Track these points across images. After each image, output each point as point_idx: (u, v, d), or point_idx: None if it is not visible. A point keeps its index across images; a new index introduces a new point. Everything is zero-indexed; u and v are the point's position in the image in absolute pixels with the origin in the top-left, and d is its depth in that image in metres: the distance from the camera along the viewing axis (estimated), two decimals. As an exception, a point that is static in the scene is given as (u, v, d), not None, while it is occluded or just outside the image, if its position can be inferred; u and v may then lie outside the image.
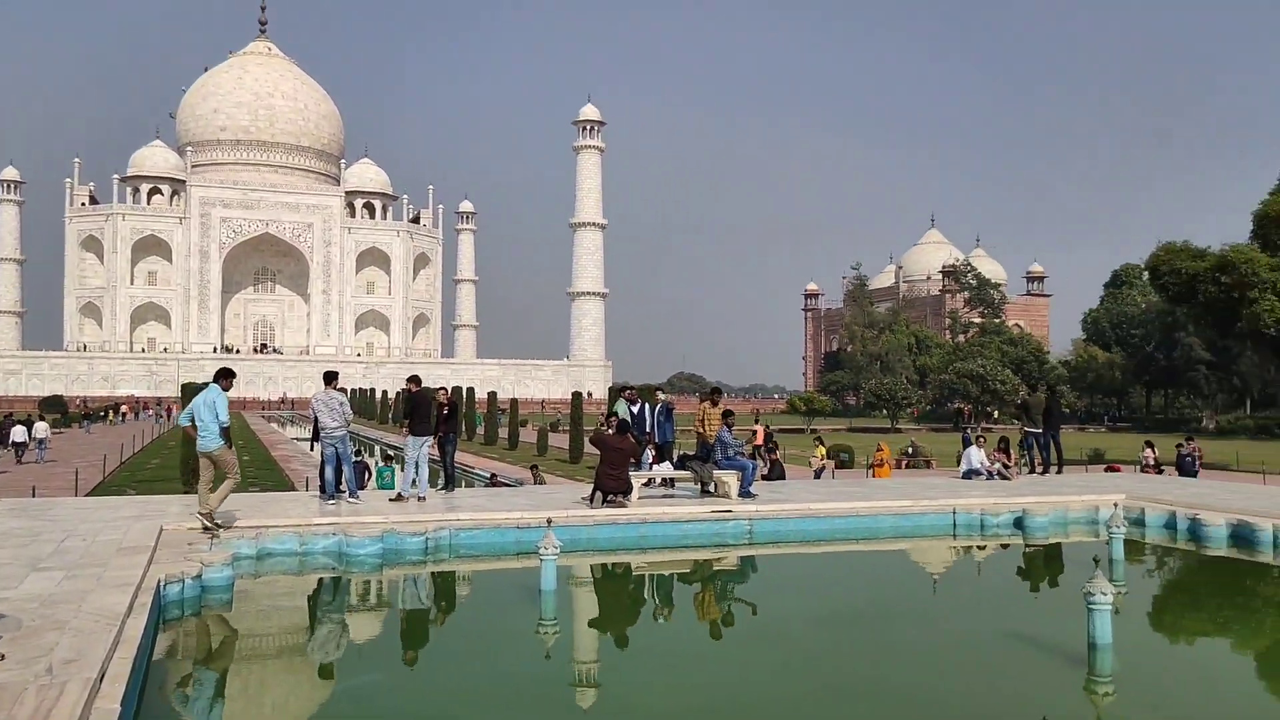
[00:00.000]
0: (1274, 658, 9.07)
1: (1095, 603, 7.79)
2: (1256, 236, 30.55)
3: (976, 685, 7.51)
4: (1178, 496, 16.52)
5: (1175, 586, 12.86)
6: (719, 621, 9.99)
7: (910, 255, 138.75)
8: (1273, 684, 8.20)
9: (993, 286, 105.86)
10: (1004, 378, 71.25)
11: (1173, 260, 31.55)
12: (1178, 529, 14.76)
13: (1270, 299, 28.26)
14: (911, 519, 14.92)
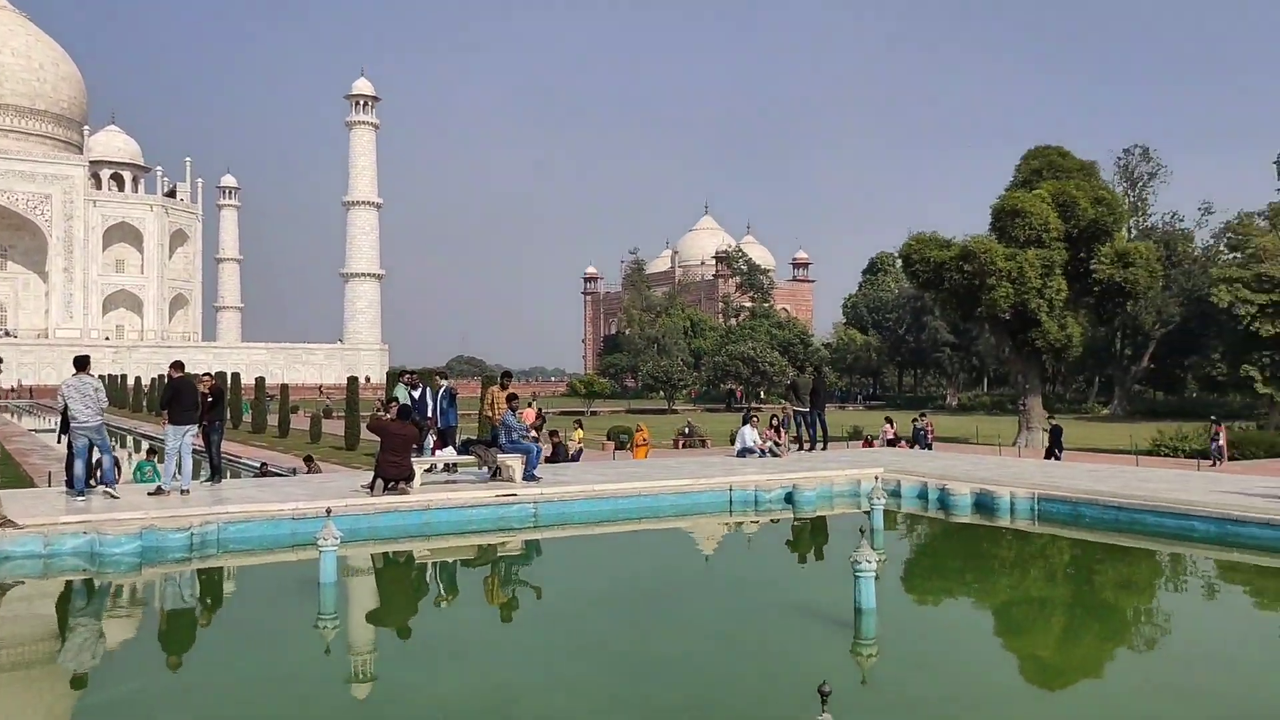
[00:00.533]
0: (1013, 611, 10.02)
1: (861, 570, 8.30)
2: (995, 229, 33.36)
3: (754, 655, 7.84)
4: (930, 469, 17.89)
5: (928, 551, 13.93)
6: (506, 606, 9.94)
7: (686, 241, 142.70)
8: (1014, 636, 9.03)
9: (762, 272, 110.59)
10: (773, 359, 74.73)
11: (922, 249, 33.92)
12: (929, 499, 16.00)
13: (1005, 286, 30.96)
14: (691, 497, 15.39)
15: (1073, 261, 33.13)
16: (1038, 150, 35.15)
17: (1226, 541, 12.35)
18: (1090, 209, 32.59)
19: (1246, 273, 33.23)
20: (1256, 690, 7.05)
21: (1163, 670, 7.77)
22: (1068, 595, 10.87)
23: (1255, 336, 31.68)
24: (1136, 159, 66.82)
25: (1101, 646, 8.62)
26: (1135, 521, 13.47)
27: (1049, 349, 33.15)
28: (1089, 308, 35.85)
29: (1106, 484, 15.46)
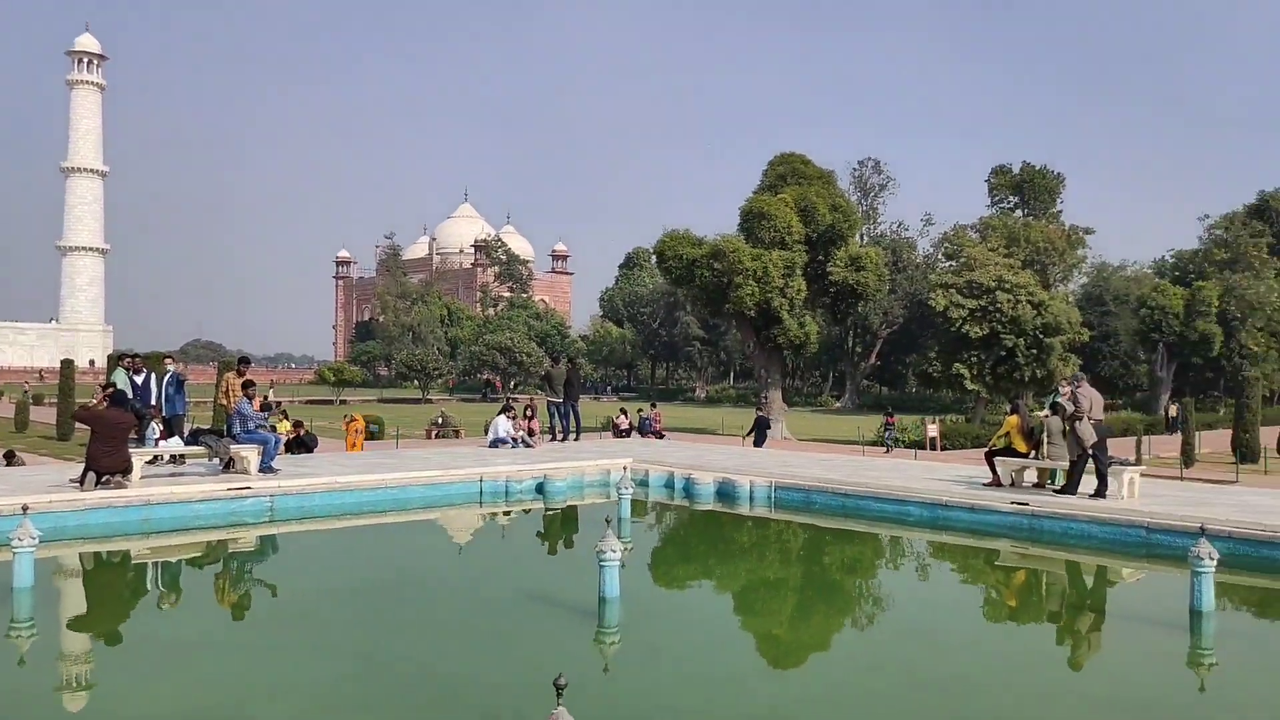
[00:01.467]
0: (750, 595, 10.47)
1: (605, 559, 8.39)
2: (743, 229, 34.81)
3: (495, 648, 7.73)
4: (676, 459, 18.43)
5: (673, 539, 14.31)
6: (236, 607, 9.31)
7: (444, 227, 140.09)
8: (751, 618, 9.43)
9: (521, 263, 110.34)
10: (530, 350, 74.78)
11: (675, 246, 34.89)
12: (675, 488, 16.50)
13: (751, 285, 32.37)
14: (440, 488, 15.07)
15: (812, 264, 35.19)
16: (783, 157, 37.04)
17: (938, 525, 13.49)
18: (828, 215, 34.74)
19: (960, 279, 36.47)
20: (960, 663, 7.69)
21: (883, 646, 8.33)
22: (799, 578, 11.50)
23: (966, 338, 34.83)
24: (869, 171, 71.89)
25: (829, 625, 9.16)
26: (860, 507, 14.46)
27: (789, 345, 35.06)
28: (825, 307, 38.22)
29: (836, 473, 16.50)
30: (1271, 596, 10.35)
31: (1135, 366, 61.58)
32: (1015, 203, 66.50)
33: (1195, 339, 47.66)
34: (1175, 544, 10.80)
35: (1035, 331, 34.50)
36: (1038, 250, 52.13)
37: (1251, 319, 49.00)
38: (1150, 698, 6.81)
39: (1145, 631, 8.76)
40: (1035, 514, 12.71)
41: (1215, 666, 7.64)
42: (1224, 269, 51.81)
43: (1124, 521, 12.01)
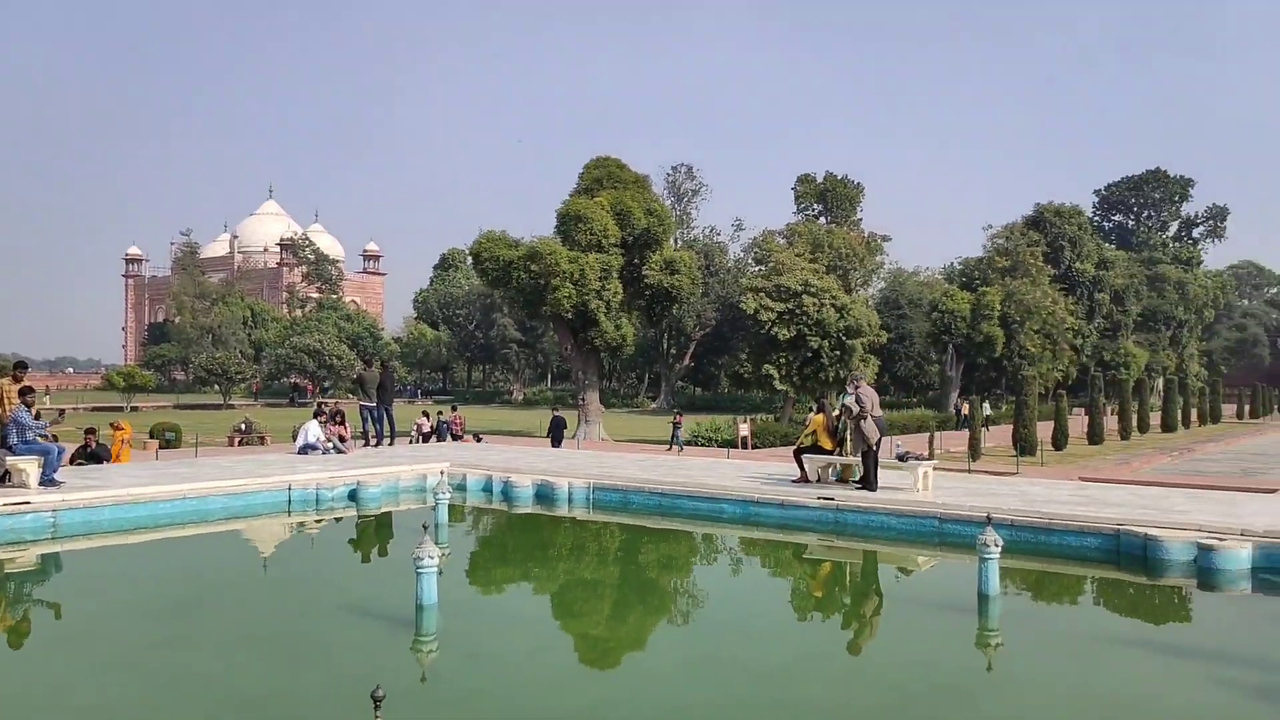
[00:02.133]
0: (569, 596, 10.50)
1: (423, 566, 8.23)
2: (559, 232, 34.89)
3: (309, 661, 7.45)
4: (494, 462, 18.28)
5: (491, 543, 14.18)
6: (13, 631, 8.56)
7: (247, 225, 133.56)
8: (571, 620, 9.45)
9: (331, 262, 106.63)
10: (340, 353, 72.38)
11: (491, 248, 34.63)
12: (493, 491, 16.37)
13: (568, 287, 32.49)
14: (245, 498, 14.38)
15: (628, 266, 35.68)
16: (599, 161, 37.39)
17: (750, 521, 13.95)
18: (643, 219, 35.31)
19: (769, 284, 37.82)
20: (773, 653, 7.98)
21: (699, 640, 8.54)
22: (617, 577, 11.63)
23: (774, 340, 36.15)
24: (683, 176, 73.62)
25: (647, 623, 9.31)
26: (676, 506, 14.77)
27: (606, 347, 35.42)
28: (641, 310, 38.80)
29: (652, 473, 16.79)
30: (1048, 578, 11.26)
31: (928, 366, 65.64)
32: (819, 210, 69.64)
33: (980, 340, 51.19)
34: (965, 533, 11.58)
35: (839, 334, 36.19)
36: (840, 256, 54.74)
37: (1029, 322, 53.05)
38: (943, 678, 7.27)
39: (938, 616, 9.34)
40: (840, 508, 13.34)
41: (1001, 646, 8.24)
42: (1005, 275, 55.90)
43: (919, 513, 12.77)
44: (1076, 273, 66.30)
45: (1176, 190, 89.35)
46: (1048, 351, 54.46)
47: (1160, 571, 10.55)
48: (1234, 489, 17.39)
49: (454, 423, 28.95)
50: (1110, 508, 12.62)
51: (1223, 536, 10.69)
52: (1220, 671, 7.50)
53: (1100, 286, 68.00)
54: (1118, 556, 11.18)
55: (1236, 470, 24.62)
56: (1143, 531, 11.02)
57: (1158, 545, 10.74)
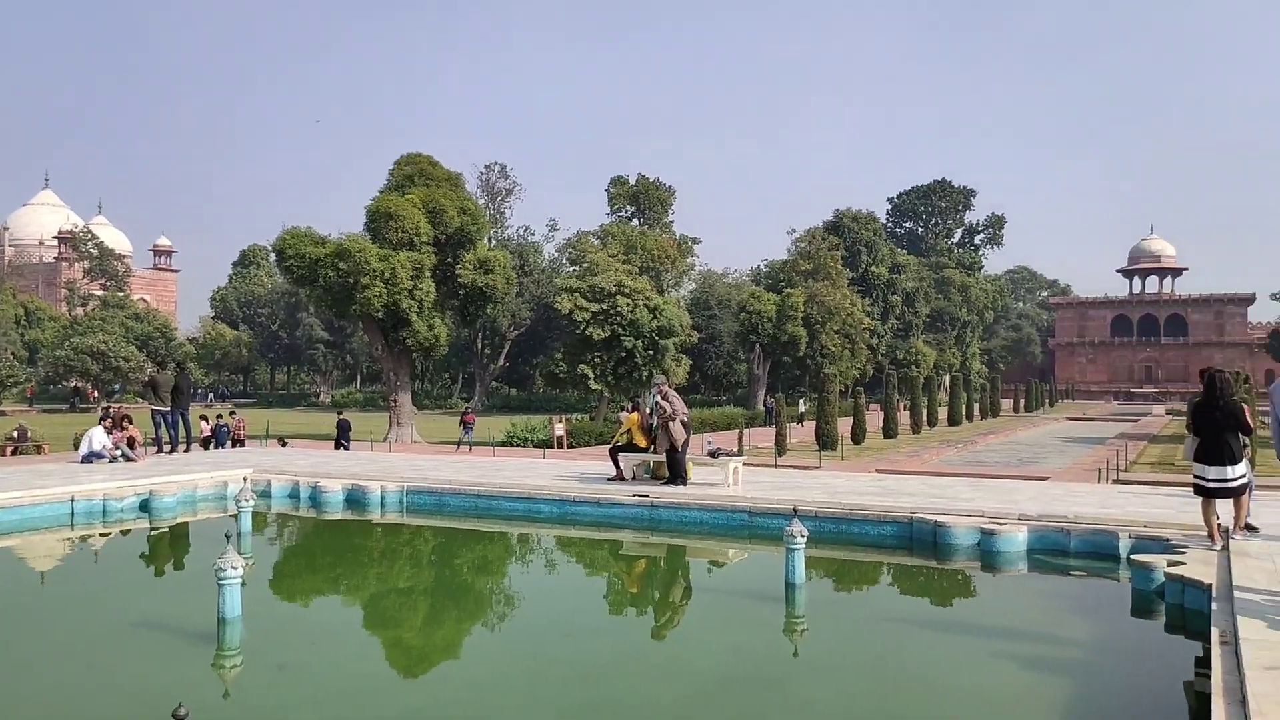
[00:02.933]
0: (382, 603, 10.24)
1: (225, 578, 7.85)
2: (369, 229, 33.96)
3: (102, 683, 6.96)
4: (302, 467, 17.60)
5: (299, 551, 13.64)
6: None
7: (19, 216, 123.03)
8: (385, 628, 9.21)
9: (117, 258, 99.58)
10: (129, 354, 67.73)
11: (297, 245, 33.33)
12: (301, 498, 15.75)
13: (379, 286, 31.67)
14: (20, 511, 13.28)
15: (441, 265, 35.09)
16: (410, 157, 36.58)
17: (567, 520, 14.01)
18: (457, 217, 34.82)
19: (583, 284, 38.05)
20: (589, 650, 8.06)
21: (516, 641, 8.51)
22: (432, 581, 11.43)
23: (589, 340, 36.42)
24: (496, 175, 73.06)
25: (462, 626, 9.20)
26: (492, 507, 14.67)
27: (419, 347, 34.72)
28: (455, 309, 38.26)
29: (467, 474, 16.60)
30: (849, 566, 11.86)
31: (737, 365, 67.78)
32: (632, 212, 70.66)
33: (785, 340, 53.32)
34: (773, 525, 12.04)
35: (652, 334, 36.84)
36: (652, 257, 55.77)
37: (830, 322, 55.69)
38: (754, 665, 7.55)
39: (749, 606, 9.68)
40: (654, 505, 13.60)
41: (807, 632, 8.63)
42: (808, 278, 58.46)
43: (730, 507, 13.19)
44: (872, 276, 70.17)
45: (960, 200, 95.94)
46: (847, 350, 57.31)
47: (948, 556, 11.31)
48: (1011, 477, 18.87)
49: (235, 427, 27.68)
50: (904, 497, 13.43)
51: (1002, 521, 11.57)
52: (1001, 646, 8.13)
53: (893, 289, 72.22)
54: (911, 543, 11.91)
55: (1013, 460, 26.69)
56: (933, 519, 11.79)
57: (946, 531, 11.51)
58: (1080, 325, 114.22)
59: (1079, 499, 13.46)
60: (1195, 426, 9.54)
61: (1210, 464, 9.30)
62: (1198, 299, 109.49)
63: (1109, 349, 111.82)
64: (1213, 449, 9.28)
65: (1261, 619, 6.58)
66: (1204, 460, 9.37)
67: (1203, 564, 8.90)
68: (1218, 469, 9.26)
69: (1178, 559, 9.27)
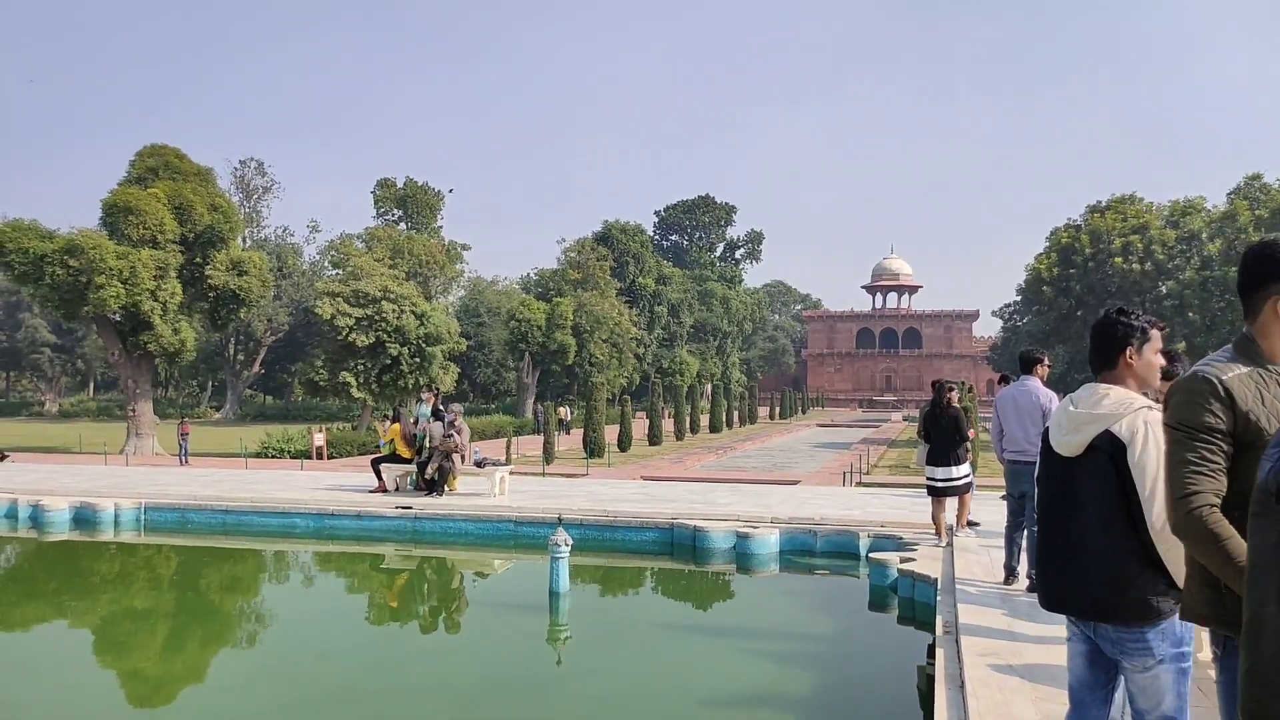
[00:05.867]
0: (115, 629, 9.43)
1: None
2: (106, 224, 31.32)
3: None
4: (20, 484, 15.99)
5: (18, 577, 12.35)
6: None
7: None
8: (116, 656, 8.49)
9: None
10: None
11: (19, 239, 30.22)
12: (19, 517, 14.29)
13: (116, 286, 29.28)
14: None
15: (189, 266, 32.80)
16: (154, 149, 33.99)
17: (325, 534, 13.46)
18: (207, 215, 32.67)
19: (347, 288, 36.72)
20: (346, 669, 7.76)
21: (266, 663, 8.07)
22: (172, 605, 10.65)
23: (352, 346, 35.16)
24: (252, 172, 69.32)
25: (205, 652, 8.63)
26: (243, 523, 13.86)
27: (162, 353, 32.28)
28: (204, 313, 35.86)
29: (215, 488, 15.62)
30: (613, 572, 12.07)
31: (506, 373, 67.48)
32: (399, 216, 68.97)
33: (555, 348, 53.61)
34: (539, 534, 12.06)
35: (419, 341, 36.03)
36: (420, 263, 54.62)
37: (598, 331, 56.52)
38: (515, 675, 7.52)
39: (513, 616, 9.64)
40: (418, 516, 13.30)
41: (570, 639, 8.69)
42: (577, 287, 59.08)
43: (495, 517, 13.10)
44: (639, 287, 71.85)
45: (722, 215, 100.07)
46: (615, 359, 58.36)
47: (707, 559, 11.73)
48: (766, 482, 19.82)
49: None
50: (666, 503, 13.82)
51: (755, 525, 12.14)
52: (752, 644, 8.51)
53: (659, 300, 74.26)
54: (672, 547, 12.27)
55: (769, 465, 28.05)
56: (692, 524, 12.19)
57: (704, 535, 11.94)
58: (829, 337, 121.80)
59: (825, 501, 14.32)
60: (925, 432, 10.38)
61: (938, 465, 10.14)
62: (930, 314, 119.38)
63: (854, 359, 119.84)
64: (939, 452, 10.12)
65: (979, 609, 7.23)
66: (933, 462, 10.22)
67: (931, 560, 9.69)
68: (944, 469, 10.12)
69: (910, 555, 10.05)
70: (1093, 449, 3.07)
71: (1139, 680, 3.02)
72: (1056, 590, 3.16)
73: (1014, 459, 8.11)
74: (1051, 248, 47.54)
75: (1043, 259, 47.52)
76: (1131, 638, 2.98)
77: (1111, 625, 3.02)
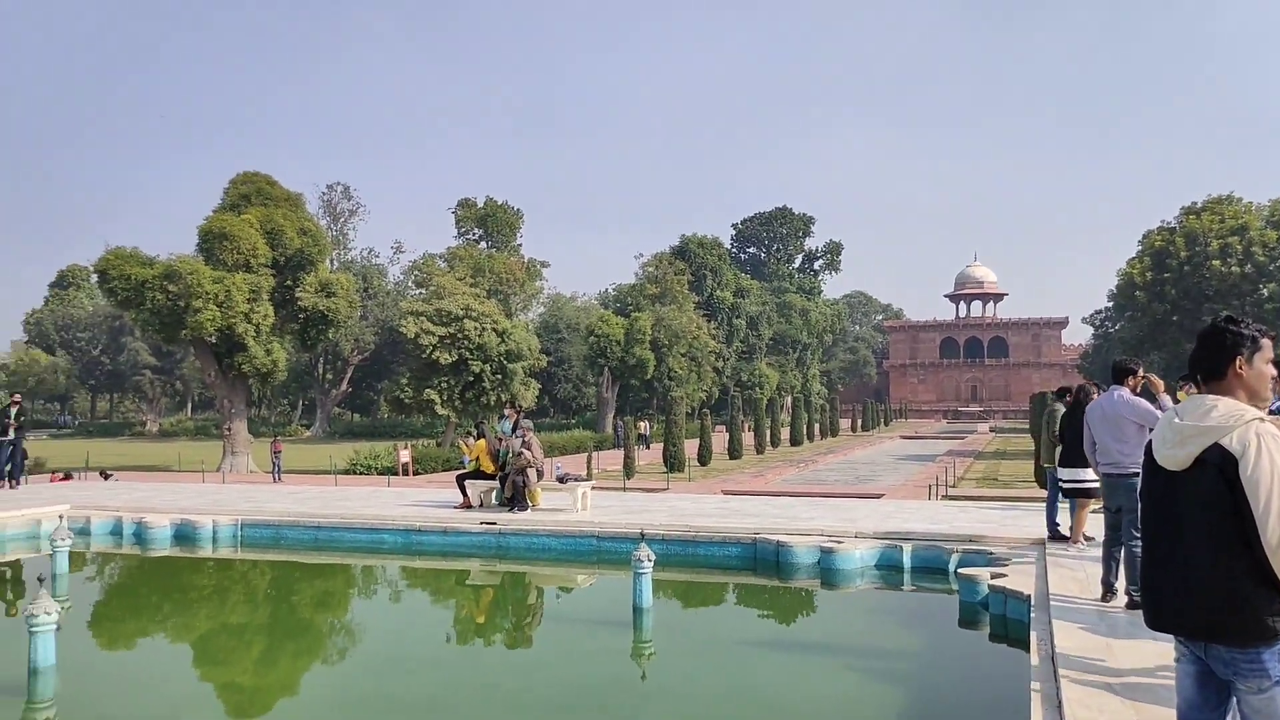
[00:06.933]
0: (213, 643, 9.72)
1: (37, 624, 7.31)
2: (202, 250, 32.48)
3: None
4: (125, 502, 16.60)
5: (122, 592, 12.83)
6: None
7: None
8: (215, 668, 8.74)
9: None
10: (-72, 382, 62.47)
11: (121, 265, 31.48)
12: (124, 534, 14.84)
13: (212, 309, 30.30)
14: None
15: (280, 288, 33.80)
16: (246, 176, 35.17)
17: (412, 550, 13.68)
18: (297, 239, 33.65)
19: (430, 307, 37.38)
20: (433, 682, 7.87)
21: (357, 677, 8.22)
22: (267, 619, 10.94)
23: (436, 364, 35.78)
24: (339, 196, 71.18)
25: (299, 664, 8.83)
26: (334, 539, 14.18)
27: (255, 373, 33.28)
28: (295, 334, 36.88)
29: (307, 505, 16.01)
30: (695, 587, 12.02)
31: (585, 388, 67.94)
32: (480, 235, 70.09)
33: (634, 363, 53.80)
34: (621, 549, 12.09)
35: (500, 357, 36.50)
36: (500, 280, 55.43)
37: (676, 346, 56.56)
38: (600, 693, 7.53)
39: (597, 631, 9.67)
40: (502, 532, 13.44)
41: (654, 655, 8.68)
42: (655, 302, 59.26)
43: (578, 533, 13.17)
44: (717, 300, 71.74)
45: (800, 226, 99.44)
46: (693, 373, 58.30)
47: (791, 574, 11.62)
48: (849, 495, 19.55)
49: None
50: (748, 518, 13.72)
51: (840, 539, 11.98)
52: (840, 661, 8.39)
53: (738, 313, 74.03)
54: (755, 563, 12.17)
55: (851, 478, 27.68)
56: (775, 539, 12.09)
57: (788, 550, 11.82)
58: (912, 347, 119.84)
59: (911, 515, 14.07)
60: (1060, 433, 10.24)
61: (1074, 466, 9.88)
62: (1017, 322, 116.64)
63: (938, 370, 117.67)
64: (1076, 453, 9.78)
65: (1075, 626, 7.01)
66: (1067, 464, 9.98)
67: (1023, 575, 9.44)
68: (1077, 470, 9.86)
69: (1000, 571, 9.81)
70: (1201, 463, 2.97)
71: (1253, 702, 2.90)
72: (1165, 610, 3.05)
73: (1108, 471, 7.88)
74: (1144, 251, 46.12)
75: (1135, 263, 46.11)
76: (1246, 659, 2.87)
77: (1225, 646, 2.91)
